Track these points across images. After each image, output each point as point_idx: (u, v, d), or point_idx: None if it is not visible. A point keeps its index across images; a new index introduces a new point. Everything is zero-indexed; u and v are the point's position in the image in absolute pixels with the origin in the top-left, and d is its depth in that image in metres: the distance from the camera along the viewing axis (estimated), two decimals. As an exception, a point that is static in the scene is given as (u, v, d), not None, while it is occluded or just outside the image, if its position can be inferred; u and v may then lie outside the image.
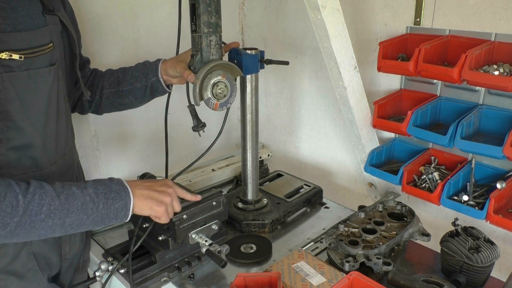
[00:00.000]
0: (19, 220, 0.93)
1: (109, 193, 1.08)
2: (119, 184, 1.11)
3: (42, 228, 0.98)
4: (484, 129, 1.56)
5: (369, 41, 1.79)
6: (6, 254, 1.13)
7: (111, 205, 1.07)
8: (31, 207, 0.94)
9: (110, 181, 1.11)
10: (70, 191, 1.02)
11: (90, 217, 1.04)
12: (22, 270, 1.16)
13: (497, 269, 1.36)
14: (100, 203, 1.05)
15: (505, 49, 1.45)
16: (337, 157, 2.14)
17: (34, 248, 1.17)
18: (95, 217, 1.05)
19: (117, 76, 1.44)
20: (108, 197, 1.07)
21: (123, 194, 1.10)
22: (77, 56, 1.25)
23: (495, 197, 1.38)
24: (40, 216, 0.96)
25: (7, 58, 0.99)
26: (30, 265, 1.17)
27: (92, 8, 1.67)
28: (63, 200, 1.00)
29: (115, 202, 1.08)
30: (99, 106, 1.46)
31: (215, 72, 1.29)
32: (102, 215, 1.06)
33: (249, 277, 1.18)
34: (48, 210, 0.97)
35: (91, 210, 1.04)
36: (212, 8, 1.24)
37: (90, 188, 1.06)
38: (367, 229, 1.42)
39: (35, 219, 0.95)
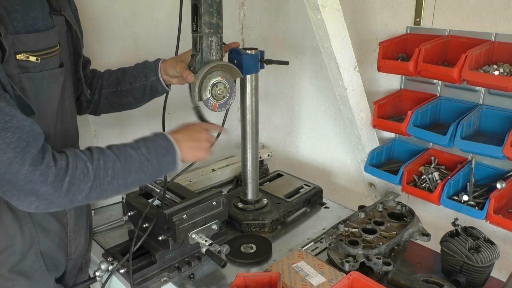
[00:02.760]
0: (91, 185, 1.01)
1: (158, 149, 1.15)
2: (165, 139, 1.18)
3: (109, 189, 1.06)
4: (484, 129, 1.56)
5: (369, 41, 1.79)
6: (14, 253, 1.14)
7: (162, 161, 1.15)
8: (98, 171, 1.02)
9: (157, 137, 1.18)
10: (127, 153, 1.10)
11: (147, 174, 1.12)
12: (30, 270, 1.17)
13: (497, 269, 1.36)
14: (153, 160, 1.13)
15: (505, 49, 1.44)
16: (337, 157, 2.14)
17: (42, 248, 1.19)
18: (151, 173, 1.13)
19: (116, 76, 1.44)
20: (158, 154, 1.14)
21: (171, 149, 1.17)
22: (80, 55, 1.26)
23: (495, 197, 1.38)
24: (107, 178, 1.04)
25: (24, 59, 1.01)
26: (37, 265, 1.18)
27: (92, 8, 1.67)
28: (123, 161, 1.07)
29: (165, 157, 1.15)
30: (97, 106, 1.45)
31: (214, 72, 1.29)
32: (156, 170, 1.14)
33: (249, 277, 1.18)
34: (113, 172, 1.05)
35: (146, 167, 1.11)
36: (213, 9, 1.24)
37: (142, 147, 1.13)
38: (367, 229, 1.42)
39: (104, 182, 1.04)
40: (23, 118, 0.95)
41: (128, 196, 1.54)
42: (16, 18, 0.99)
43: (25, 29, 1.01)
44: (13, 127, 0.92)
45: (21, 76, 1.01)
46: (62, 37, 1.14)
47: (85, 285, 1.36)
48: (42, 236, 1.18)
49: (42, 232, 1.18)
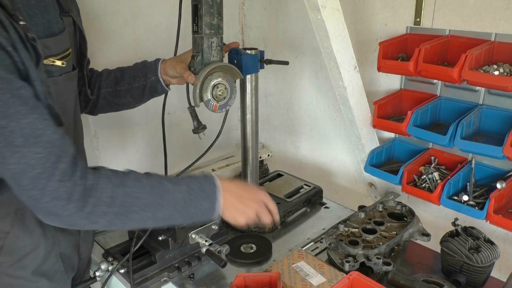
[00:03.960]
0: (116, 211, 0.96)
1: (200, 193, 1.08)
2: (212, 185, 1.11)
3: (135, 220, 1.00)
4: (484, 129, 1.56)
5: (369, 41, 1.79)
6: (38, 256, 1.14)
7: (200, 205, 1.08)
8: (127, 199, 0.98)
9: (205, 178, 1.12)
10: (164, 187, 1.04)
11: (180, 214, 1.07)
12: (50, 272, 1.18)
13: (497, 269, 1.37)
14: (191, 201, 1.06)
15: (505, 49, 1.44)
16: (337, 157, 2.14)
17: (62, 249, 1.19)
18: (184, 214, 1.07)
19: (114, 75, 1.43)
20: (198, 197, 1.08)
21: (213, 197, 1.10)
22: (85, 56, 1.25)
23: (495, 197, 1.38)
24: (135, 208, 0.99)
25: (50, 63, 1.01)
26: (57, 266, 1.19)
27: (92, 8, 1.67)
28: (157, 195, 1.02)
29: (204, 203, 1.09)
30: (95, 106, 1.45)
31: (215, 74, 1.29)
32: (191, 214, 1.08)
33: (249, 277, 1.19)
34: (143, 203, 1.00)
35: (181, 207, 1.05)
36: (214, 9, 1.24)
37: (184, 185, 1.07)
38: (367, 229, 1.42)
39: (130, 211, 0.99)
40: (54, 131, 0.93)
41: (128, 196, 1.53)
42: (36, 22, 0.98)
43: (44, 33, 1.00)
44: (44, 141, 0.90)
45: (48, 81, 1.00)
46: (71, 38, 1.14)
47: (85, 285, 1.36)
48: (62, 238, 1.19)
49: (62, 234, 1.19)
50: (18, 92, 0.88)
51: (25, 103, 0.89)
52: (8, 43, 0.86)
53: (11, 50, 0.87)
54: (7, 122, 0.86)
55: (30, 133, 0.88)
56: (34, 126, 0.89)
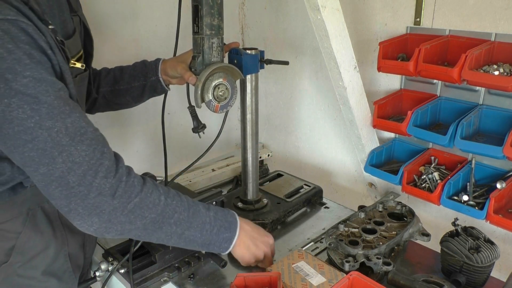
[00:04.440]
0: (155, 217, 0.99)
1: (224, 221, 1.15)
2: (233, 218, 1.19)
3: (165, 232, 1.03)
4: (484, 129, 1.56)
5: (369, 41, 1.79)
6: (48, 256, 1.15)
7: (221, 234, 1.14)
8: (167, 208, 1.01)
9: (228, 212, 1.20)
10: (197, 208, 1.09)
11: (203, 238, 1.11)
12: (59, 272, 1.19)
13: (497, 269, 1.36)
14: (215, 228, 1.12)
15: (505, 49, 1.44)
16: (337, 157, 2.14)
17: (70, 249, 1.20)
18: (206, 238, 1.12)
19: (114, 74, 1.43)
20: (222, 225, 1.14)
21: (233, 228, 1.17)
22: (92, 56, 1.25)
23: (495, 197, 1.38)
24: (171, 220, 1.02)
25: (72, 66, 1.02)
26: (66, 266, 1.20)
27: (92, 8, 1.67)
28: (191, 213, 1.07)
29: (225, 232, 1.15)
30: (93, 105, 1.44)
31: (216, 74, 1.29)
32: (212, 240, 1.13)
33: (249, 277, 1.18)
34: (178, 218, 1.04)
35: (206, 231, 1.10)
36: (215, 10, 1.23)
37: (212, 211, 1.13)
38: (367, 229, 1.42)
39: (165, 221, 1.01)
40: (95, 128, 0.96)
41: (128, 196, 1.53)
42: (56, 23, 0.99)
43: (62, 35, 1.00)
44: (89, 138, 0.92)
45: None
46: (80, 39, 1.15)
47: (86, 285, 1.36)
48: (70, 237, 1.20)
49: (70, 233, 1.20)
50: (59, 94, 0.90)
51: (67, 103, 0.91)
52: (47, 46, 0.88)
53: (51, 53, 0.89)
54: (53, 123, 0.87)
55: (75, 132, 0.90)
56: (78, 125, 0.91)
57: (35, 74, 0.85)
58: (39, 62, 0.87)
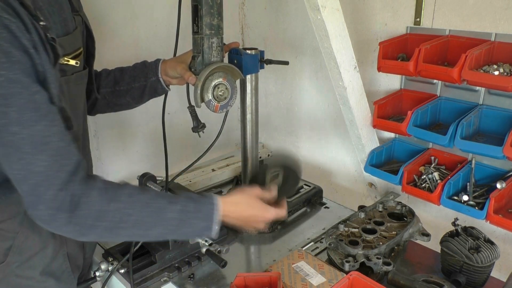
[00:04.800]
0: (106, 225, 0.95)
1: (195, 213, 1.05)
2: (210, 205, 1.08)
3: (125, 235, 1.00)
4: (484, 129, 1.56)
5: (369, 41, 1.79)
6: (46, 256, 1.14)
7: (195, 225, 1.06)
8: (117, 215, 0.96)
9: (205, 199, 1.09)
10: (159, 205, 1.01)
11: (172, 233, 1.06)
12: (58, 272, 1.18)
13: (497, 269, 1.36)
14: (184, 223, 1.04)
15: (505, 49, 1.44)
16: (337, 157, 2.14)
17: (69, 249, 1.20)
18: (178, 233, 1.07)
19: (114, 75, 1.43)
20: (194, 216, 1.05)
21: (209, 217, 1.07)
22: (94, 56, 1.24)
23: (495, 197, 1.38)
24: (125, 224, 0.97)
25: (64, 63, 1.01)
26: (64, 266, 1.20)
27: (92, 8, 1.67)
28: (149, 213, 1.00)
29: (200, 223, 1.06)
30: (94, 106, 1.43)
31: (216, 74, 1.29)
32: (185, 232, 1.08)
33: (249, 277, 1.19)
34: (133, 220, 0.98)
35: (173, 226, 1.03)
36: (214, 10, 1.23)
37: (180, 205, 1.04)
38: (367, 229, 1.42)
39: (120, 227, 0.97)
40: (62, 139, 0.93)
41: (128, 196, 1.53)
42: (54, 20, 0.98)
43: (61, 32, 1.00)
44: (51, 149, 0.90)
45: (61, 80, 1.01)
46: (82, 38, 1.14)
47: (86, 285, 1.36)
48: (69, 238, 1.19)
49: None
50: (33, 97, 0.88)
51: (38, 108, 0.89)
52: (30, 44, 0.87)
53: (33, 52, 0.87)
54: (20, 129, 0.86)
55: (39, 141, 0.88)
56: (44, 134, 0.89)
57: (9, 74, 0.84)
58: (17, 62, 0.85)
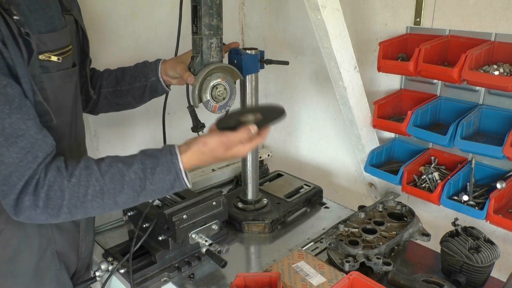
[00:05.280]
0: (68, 203, 0.96)
1: (155, 167, 1.02)
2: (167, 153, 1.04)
3: (94, 207, 0.99)
4: (484, 129, 1.56)
5: (369, 41, 1.79)
6: (32, 254, 1.14)
7: (160, 180, 1.02)
8: (76, 189, 0.96)
9: (160, 151, 1.05)
10: (115, 169, 1.00)
11: (141, 194, 1.02)
12: (45, 270, 1.18)
13: (497, 269, 1.36)
14: (146, 181, 1.01)
15: (505, 49, 1.44)
16: (337, 157, 2.14)
17: (58, 248, 1.19)
18: (146, 192, 1.02)
19: (115, 75, 1.44)
20: (154, 172, 1.01)
21: (171, 167, 1.03)
22: (87, 55, 1.26)
23: (495, 197, 1.38)
24: (87, 197, 0.97)
25: (45, 59, 1.01)
26: (53, 264, 1.19)
27: (92, 8, 1.67)
28: (108, 180, 0.98)
29: (164, 176, 1.02)
30: (96, 105, 1.45)
31: (214, 74, 1.29)
32: (155, 189, 1.03)
33: (249, 277, 1.19)
34: (94, 191, 0.97)
35: (139, 187, 1.01)
36: (213, 10, 1.24)
37: (137, 163, 1.01)
38: (367, 229, 1.42)
39: (85, 200, 0.97)
40: (37, 132, 0.94)
41: (128, 196, 1.54)
42: (37, 17, 0.99)
43: (45, 29, 1.01)
44: (25, 141, 0.92)
45: (42, 76, 1.01)
46: (72, 37, 1.14)
47: (85, 285, 1.36)
48: (58, 235, 1.19)
49: (58, 231, 1.19)
50: (4, 91, 0.89)
51: (10, 101, 0.90)
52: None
53: (1, 46, 0.89)
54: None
55: (12, 133, 0.90)
56: (17, 126, 0.91)
57: None
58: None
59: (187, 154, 1.06)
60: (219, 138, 1.07)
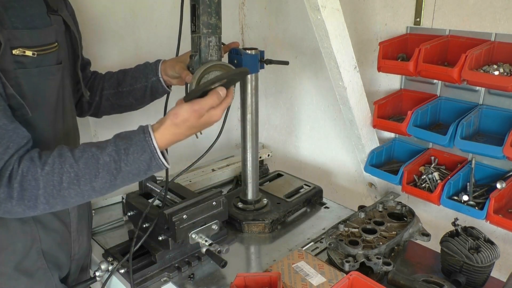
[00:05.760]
0: (44, 192, 0.95)
1: (129, 147, 1.00)
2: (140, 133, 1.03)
3: (71, 195, 0.98)
4: (484, 129, 1.56)
5: (369, 41, 1.79)
6: (16, 252, 1.14)
7: (135, 160, 1.00)
8: (50, 177, 0.95)
9: (133, 132, 1.04)
10: (89, 154, 0.98)
11: (117, 177, 1.00)
12: (31, 269, 1.17)
13: (497, 269, 1.37)
14: (121, 162, 0.99)
15: (505, 49, 1.44)
16: (337, 157, 2.14)
17: (43, 246, 1.18)
18: (123, 175, 1.00)
19: (117, 77, 1.44)
20: (128, 153, 1.00)
21: (145, 145, 1.01)
22: (79, 56, 1.26)
23: (495, 197, 1.38)
24: (63, 184, 0.96)
25: (19, 54, 1.01)
26: (39, 263, 1.19)
27: (92, 8, 1.67)
28: (82, 165, 0.97)
29: (139, 155, 1.00)
30: (98, 108, 1.46)
31: (212, 73, 1.28)
32: (131, 171, 1.01)
33: (249, 277, 1.19)
34: (69, 178, 0.96)
35: (115, 170, 0.99)
36: (212, 9, 1.24)
37: (110, 146, 1.00)
38: (367, 229, 1.42)
39: (60, 188, 0.96)
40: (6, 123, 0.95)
41: (128, 196, 1.54)
42: (13, 14, 1.00)
43: (22, 26, 1.02)
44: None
45: (17, 71, 1.01)
46: (60, 37, 1.14)
47: (85, 285, 1.36)
48: (44, 234, 1.18)
49: (44, 230, 1.18)
50: None
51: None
52: None
53: None
54: None
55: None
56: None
57: None
58: None
59: (159, 131, 1.04)
60: (189, 106, 1.05)
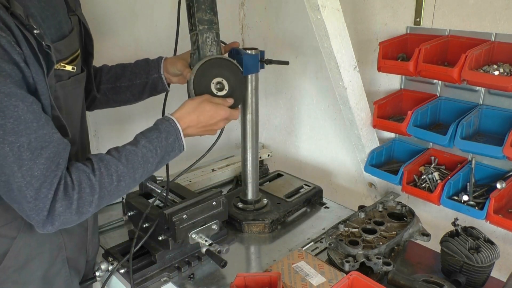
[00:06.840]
0: (99, 195, 1.00)
1: (160, 135, 1.12)
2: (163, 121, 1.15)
3: (118, 191, 1.04)
4: (484, 129, 1.56)
5: (369, 41, 1.79)
6: (43, 261, 1.14)
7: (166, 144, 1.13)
8: (103, 180, 1.00)
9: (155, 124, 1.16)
10: (126, 151, 1.07)
11: (154, 163, 1.11)
12: (56, 277, 1.18)
13: (497, 269, 1.36)
14: (157, 148, 1.11)
15: (505, 49, 1.44)
16: (337, 157, 2.14)
17: (68, 254, 1.19)
18: (158, 160, 1.12)
19: (115, 72, 1.43)
20: (160, 138, 1.11)
21: (172, 130, 1.14)
22: (92, 55, 1.24)
23: (495, 197, 1.38)
24: (114, 183, 1.02)
25: (60, 68, 1.01)
26: (63, 271, 1.19)
27: (92, 8, 1.67)
28: (124, 162, 1.05)
29: (168, 138, 1.13)
30: (93, 101, 1.43)
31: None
32: (163, 155, 1.13)
33: (249, 277, 1.19)
34: (117, 175, 1.03)
35: (152, 158, 1.10)
36: (206, 5, 1.24)
37: (142, 140, 1.10)
38: (367, 229, 1.42)
39: (111, 187, 1.02)
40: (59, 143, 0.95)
41: (128, 196, 1.54)
42: (48, 25, 0.98)
43: (56, 36, 1.00)
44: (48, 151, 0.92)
45: (56, 85, 1.01)
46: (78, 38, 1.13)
47: (85, 285, 1.36)
48: (68, 241, 1.19)
49: (68, 237, 1.19)
50: (31, 108, 0.89)
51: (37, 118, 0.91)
52: (21, 59, 0.87)
53: (24, 66, 0.88)
54: (16, 138, 0.87)
55: (37, 146, 0.90)
56: (42, 139, 0.91)
57: (3, 89, 0.85)
58: (8, 75, 0.86)
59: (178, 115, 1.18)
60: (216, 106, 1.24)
